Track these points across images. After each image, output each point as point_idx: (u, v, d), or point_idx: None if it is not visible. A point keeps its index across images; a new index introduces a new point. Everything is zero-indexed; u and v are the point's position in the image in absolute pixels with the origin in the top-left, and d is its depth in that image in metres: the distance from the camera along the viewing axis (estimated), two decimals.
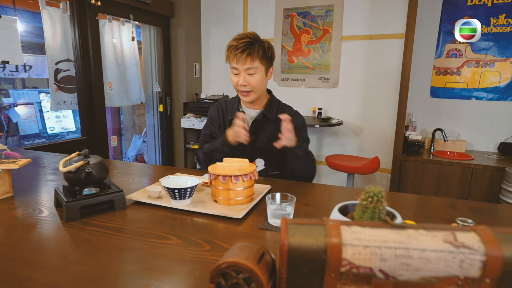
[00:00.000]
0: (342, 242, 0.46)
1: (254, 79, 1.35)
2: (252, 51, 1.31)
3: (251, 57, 1.31)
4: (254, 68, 1.33)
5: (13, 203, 1.04)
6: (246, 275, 0.47)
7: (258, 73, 1.35)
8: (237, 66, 1.34)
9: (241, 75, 1.35)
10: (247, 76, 1.35)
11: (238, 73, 1.36)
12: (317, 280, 0.48)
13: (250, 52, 1.31)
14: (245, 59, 1.31)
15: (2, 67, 6.84)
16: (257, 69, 1.34)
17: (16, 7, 3.02)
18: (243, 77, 1.35)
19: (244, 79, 1.35)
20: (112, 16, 2.95)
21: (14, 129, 7.00)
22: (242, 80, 1.35)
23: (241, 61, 1.32)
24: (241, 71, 1.35)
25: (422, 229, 0.48)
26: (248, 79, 1.35)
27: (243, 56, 1.30)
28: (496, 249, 0.45)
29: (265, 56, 1.35)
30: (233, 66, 1.36)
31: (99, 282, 0.64)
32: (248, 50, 1.31)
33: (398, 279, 0.47)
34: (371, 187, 0.58)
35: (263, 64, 1.36)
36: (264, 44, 1.36)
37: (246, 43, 1.31)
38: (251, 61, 1.32)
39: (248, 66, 1.32)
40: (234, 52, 1.31)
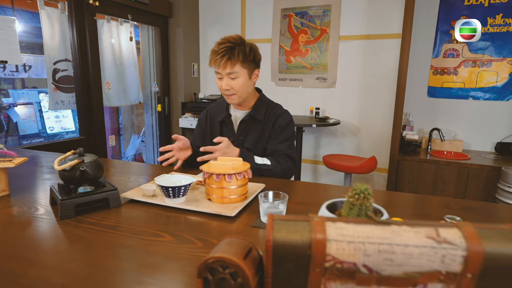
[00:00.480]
0: (327, 238, 0.47)
1: (236, 83, 1.37)
2: (232, 55, 1.32)
3: (230, 62, 1.32)
4: (235, 72, 1.35)
5: (9, 201, 1.05)
6: (232, 270, 0.48)
7: (240, 77, 1.36)
8: (219, 71, 1.37)
9: (224, 79, 1.37)
10: (229, 80, 1.37)
11: (222, 77, 1.38)
12: (302, 275, 0.48)
13: (229, 57, 1.32)
14: (225, 64, 1.33)
15: (2, 67, 6.85)
16: (238, 73, 1.35)
17: (15, 7, 3.02)
18: (226, 81, 1.37)
19: (226, 83, 1.37)
20: (110, 16, 2.96)
21: (14, 129, 7.01)
22: (224, 85, 1.37)
23: (222, 66, 1.34)
24: (223, 76, 1.37)
25: (405, 225, 0.49)
26: (230, 83, 1.37)
27: (223, 61, 1.32)
28: (477, 244, 0.46)
29: (247, 59, 1.35)
30: (216, 71, 1.39)
31: (93, 279, 0.65)
32: (228, 55, 1.32)
33: (382, 274, 0.47)
34: (358, 185, 0.59)
35: (245, 68, 1.36)
36: (245, 47, 1.35)
37: (227, 48, 1.32)
38: (231, 65, 1.33)
39: (228, 70, 1.34)
40: (215, 58, 1.34)
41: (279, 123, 1.46)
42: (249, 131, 1.48)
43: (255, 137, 1.47)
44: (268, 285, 0.50)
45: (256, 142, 1.48)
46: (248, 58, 1.35)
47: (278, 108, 1.53)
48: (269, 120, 1.48)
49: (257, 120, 1.47)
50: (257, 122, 1.48)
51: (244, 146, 1.47)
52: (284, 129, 1.46)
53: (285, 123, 1.47)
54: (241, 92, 1.40)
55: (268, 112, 1.50)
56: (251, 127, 1.48)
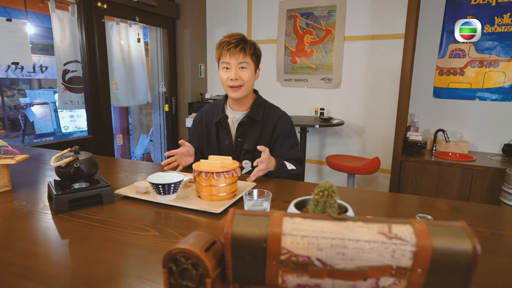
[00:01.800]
0: (282, 232, 0.50)
1: (245, 73, 1.39)
2: (245, 46, 1.37)
3: (244, 52, 1.36)
4: (246, 63, 1.38)
5: (10, 196, 1.11)
6: (194, 261, 0.51)
7: (249, 69, 1.40)
8: (229, 61, 1.37)
9: (233, 69, 1.38)
10: (239, 70, 1.38)
11: (230, 68, 1.39)
12: (260, 267, 0.51)
13: (243, 47, 1.36)
14: (238, 54, 1.35)
15: (20, 68, 7.09)
16: (248, 65, 1.39)
17: (28, 10, 3.14)
18: (235, 71, 1.38)
19: (236, 73, 1.38)
20: (119, 18, 3.04)
21: (31, 128, 7.26)
22: (233, 74, 1.38)
23: (235, 56, 1.36)
24: (232, 66, 1.38)
25: (361, 221, 0.51)
26: (239, 73, 1.38)
27: (236, 50, 1.34)
28: (426, 240, 0.48)
29: (255, 53, 1.41)
30: (224, 61, 1.39)
31: (77, 269, 0.69)
32: (241, 45, 1.36)
33: (335, 267, 0.49)
34: (323, 183, 0.61)
35: (253, 61, 1.41)
36: (254, 43, 1.42)
37: (239, 39, 1.37)
38: (244, 56, 1.36)
39: (241, 60, 1.36)
40: (228, 47, 1.35)
41: (282, 127, 1.46)
42: (248, 132, 1.47)
43: (254, 139, 1.46)
44: (229, 276, 0.52)
45: (256, 143, 1.45)
46: (256, 53, 1.41)
47: (276, 109, 1.53)
48: (268, 121, 1.48)
49: (255, 121, 1.47)
50: (255, 123, 1.47)
51: (243, 148, 1.47)
52: (289, 133, 1.46)
53: (288, 126, 1.47)
54: (248, 84, 1.41)
55: (266, 113, 1.49)
56: (249, 128, 1.47)
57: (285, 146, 1.45)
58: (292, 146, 1.45)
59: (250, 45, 1.39)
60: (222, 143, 1.52)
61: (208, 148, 1.55)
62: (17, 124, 7.44)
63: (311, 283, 0.51)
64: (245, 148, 1.47)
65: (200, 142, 1.57)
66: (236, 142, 1.49)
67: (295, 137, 1.49)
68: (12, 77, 7.45)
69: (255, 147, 1.45)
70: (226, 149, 1.51)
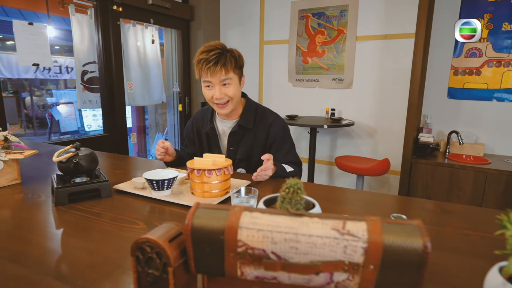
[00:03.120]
0: (238, 225, 0.52)
1: (230, 89, 1.31)
2: (226, 61, 1.27)
3: (225, 68, 1.27)
4: (228, 79, 1.30)
5: (19, 188, 1.18)
6: (158, 250, 0.54)
7: (233, 83, 1.32)
8: (211, 80, 1.29)
9: (216, 88, 1.30)
10: (222, 88, 1.30)
11: (212, 87, 1.31)
12: (219, 259, 0.53)
13: (224, 63, 1.27)
14: (220, 71, 1.26)
15: (47, 69, 7.45)
16: (231, 80, 1.31)
17: (52, 14, 3.31)
18: (219, 90, 1.30)
19: (220, 91, 1.30)
20: (135, 21, 3.14)
21: (56, 126, 7.62)
22: (218, 93, 1.30)
23: (216, 74, 1.27)
24: (215, 84, 1.30)
25: (317, 217, 0.53)
26: (224, 90, 1.31)
27: (217, 69, 1.25)
28: (377, 237, 0.48)
29: (238, 65, 1.32)
30: (206, 80, 1.30)
31: (61, 255, 0.74)
32: (222, 61, 1.26)
33: (290, 261, 0.51)
34: (290, 180, 0.63)
35: (237, 74, 1.33)
36: (234, 53, 1.32)
37: (217, 54, 1.27)
38: (226, 72, 1.28)
39: (223, 77, 1.28)
40: (207, 66, 1.26)
41: (275, 132, 1.41)
42: (240, 141, 1.44)
43: (247, 147, 1.43)
44: (192, 266, 0.55)
45: (249, 151, 1.44)
46: (238, 63, 1.32)
47: (268, 114, 1.46)
48: (261, 127, 1.43)
49: (247, 129, 1.42)
50: (247, 131, 1.43)
51: (236, 157, 1.44)
52: (283, 138, 1.42)
53: (282, 131, 1.42)
54: (235, 98, 1.35)
55: (258, 120, 1.44)
56: (241, 137, 1.43)
57: (281, 152, 1.41)
58: (288, 150, 1.42)
59: (230, 57, 1.29)
60: (214, 152, 1.47)
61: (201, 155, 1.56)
62: (44, 122, 7.82)
63: (268, 276, 0.53)
64: (238, 157, 1.44)
65: (194, 148, 1.56)
66: (229, 151, 1.46)
67: (290, 140, 1.45)
68: (40, 78, 7.83)
69: (248, 155, 1.44)
70: None
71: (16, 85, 7.36)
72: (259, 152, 1.41)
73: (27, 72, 6.91)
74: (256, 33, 3.65)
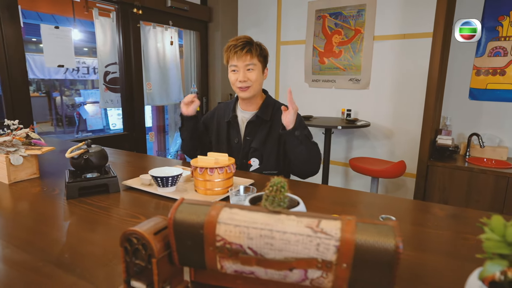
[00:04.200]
0: (217, 220, 0.54)
1: (252, 74, 1.45)
2: (251, 48, 1.43)
3: (250, 54, 1.42)
4: (252, 64, 1.43)
5: (36, 182, 1.26)
6: (143, 242, 0.57)
7: (256, 70, 1.45)
8: (237, 63, 1.44)
9: (241, 71, 1.44)
10: (246, 72, 1.44)
11: (238, 70, 1.45)
12: (200, 252, 0.56)
13: (249, 49, 1.42)
14: (245, 56, 1.41)
15: (76, 70, 7.78)
16: (255, 66, 1.44)
17: (76, 18, 3.48)
18: (243, 73, 1.44)
19: (243, 75, 1.44)
20: (155, 23, 3.24)
21: (84, 124, 7.96)
22: (242, 76, 1.44)
23: (242, 58, 1.42)
24: (240, 68, 1.44)
25: (294, 215, 0.54)
26: (247, 74, 1.44)
27: (243, 53, 1.40)
28: (349, 235, 0.49)
29: (262, 54, 1.46)
30: (232, 64, 1.46)
31: (65, 244, 0.79)
32: (247, 47, 1.42)
33: (265, 257, 0.53)
34: (274, 178, 0.64)
35: (260, 62, 1.46)
36: (260, 44, 1.48)
37: (245, 42, 1.43)
38: (250, 57, 1.42)
39: (248, 62, 1.43)
40: (234, 50, 1.42)
41: None
42: (257, 131, 1.53)
43: (262, 138, 1.51)
44: (175, 258, 0.58)
45: (264, 142, 1.51)
46: (263, 53, 1.47)
47: None
48: (277, 121, 1.51)
49: (264, 121, 1.52)
50: (264, 123, 1.52)
51: (252, 146, 1.52)
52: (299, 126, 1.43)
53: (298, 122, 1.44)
54: (256, 84, 1.47)
55: (275, 113, 1.54)
56: (258, 127, 1.53)
57: None
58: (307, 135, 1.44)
59: (256, 46, 1.45)
60: (232, 141, 1.58)
61: (218, 146, 1.62)
62: (73, 120, 8.18)
63: (246, 270, 0.55)
64: (253, 146, 1.52)
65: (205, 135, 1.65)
66: (245, 141, 1.55)
67: (307, 129, 1.48)
68: (69, 78, 8.18)
69: (263, 145, 1.51)
70: (235, 147, 1.57)
71: (48, 85, 7.74)
72: (273, 143, 1.51)
73: (57, 73, 7.26)
74: (273, 34, 3.66)
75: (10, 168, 1.23)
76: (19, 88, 2.36)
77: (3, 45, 2.23)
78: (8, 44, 2.25)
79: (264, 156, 1.51)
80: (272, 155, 1.51)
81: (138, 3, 2.90)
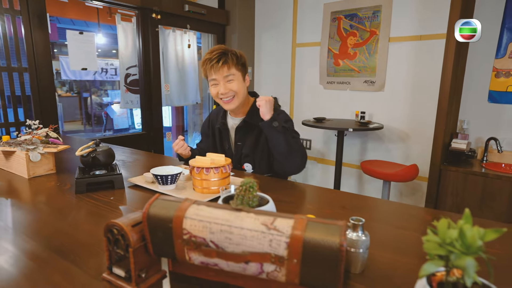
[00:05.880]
0: (184, 215, 0.60)
1: (234, 85, 1.43)
2: (227, 59, 1.40)
3: (227, 65, 1.40)
4: (231, 75, 1.41)
5: (52, 177, 1.38)
6: (122, 233, 0.63)
7: (236, 79, 1.43)
8: (215, 77, 1.42)
9: (221, 84, 1.42)
10: (227, 83, 1.42)
11: (218, 83, 1.43)
12: (170, 244, 0.61)
13: (225, 60, 1.39)
14: (222, 68, 1.39)
15: (105, 71, 8.15)
16: (234, 76, 1.42)
17: (102, 23, 3.68)
18: (223, 85, 1.42)
19: (224, 87, 1.42)
20: (173, 27, 3.36)
21: (111, 123, 8.32)
22: (223, 89, 1.42)
23: (219, 71, 1.40)
24: (220, 81, 1.42)
25: (253, 213, 0.59)
26: (228, 86, 1.43)
27: (219, 65, 1.38)
28: (299, 233, 0.53)
29: (239, 62, 1.43)
30: (211, 78, 1.44)
31: (65, 233, 0.88)
32: (223, 58, 1.39)
33: (225, 250, 0.58)
34: (245, 179, 0.69)
35: (239, 70, 1.44)
36: (236, 52, 1.44)
37: (220, 53, 1.40)
38: (228, 68, 1.40)
39: (226, 73, 1.40)
40: (210, 64, 1.39)
41: None
42: (246, 137, 1.52)
43: (252, 143, 1.51)
44: (150, 249, 0.64)
45: (254, 147, 1.51)
46: (240, 61, 1.44)
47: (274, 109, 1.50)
48: None
49: (252, 125, 1.50)
50: (253, 127, 1.51)
51: (243, 152, 1.53)
52: None
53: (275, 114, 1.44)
54: (239, 94, 1.45)
55: None
56: (247, 133, 1.52)
57: None
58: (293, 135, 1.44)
59: (232, 56, 1.41)
60: (224, 147, 1.61)
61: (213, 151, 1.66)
62: (101, 120, 8.57)
63: (211, 262, 0.60)
64: (244, 152, 1.53)
65: (207, 142, 1.68)
66: (236, 147, 1.56)
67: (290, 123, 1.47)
68: (98, 79, 8.58)
69: (253, 150, 1.51)
70: (228, 154, 1.59)
71: (79, 86, 8.16)
72: (264, 147, 1.49)
73: (87, 74, 7.64)
74: (289, 36, 3.69)
75: (29, 164, 1.35)
76: (47, 90, 2.54)
77: (33, 50, 2.42)
78: (37, 49, 2.43)
79: (256, 161, 1.52)
80: (264, 159, 1.51)
81: (156, 8, 3.02)
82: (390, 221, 1.03)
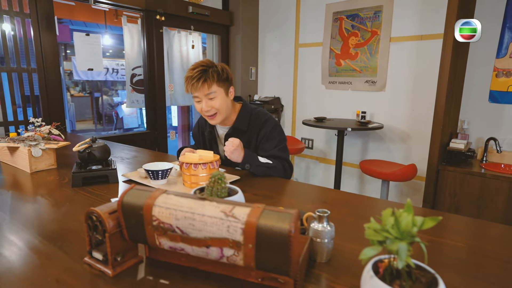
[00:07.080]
0: (154, 203, 0.65)
1: (216, 102, 1.43)
2: (207, 77, 1.39)
3: (207, 83, 1.39)
4: (212, 92, 1.41)
5: (53, 172, 1.45)
6: (100, 219, 0.69)
7: (218, 96, 1.43)
8: (197, 94, 1.43)
9: (203, 101, 1.43)
10: (208, 101, 1.43)
11: (200, 100, 1.45)
12: (142, 230, 0.67)
13: (205, 79, 1.39)
14: (202, 86, 1.39)
15: (116, 72, 8.31)
16: (216, 93, 1.42)
17: (109, 24, 3.79)
18: (206, 103, 1.43)
19: (206, 104, 1.43)
20: (177, 28, 3.44)
21: (121, 122, 8.49)
22: (205, 106, 1.43)
23: (199, 89, 1.40)
24: (202, 98, 1.43)
25: (215, 201, 0.63)
26: (210, 103, 1.43)
27: (199, 84, 1.38)
28: (253, 220, 0.58)
29: (221, 78, 1.43)
30: (194, 95, 1.45)
31: (56, 222, 0.94)
32: (203, 77, 1.39)
33: (190, 235, 0.63)
34: (215, 171, 0.74)
35: (221, 86, 1.43)
36: (217, 68, 1.43)
37: (200, 71, 1.39)
38: (208, 86, 1.40)
39: (207, 92, 1.41)
40: (191, 82, 1.40)
41: (265, 130, 1.51)
42: None
43: None
44: (125, 235, 0.69)
45: None
46: (222, 77, 1.43)
47: (261, 116, 1.55)
48: (253, 129, 1.53)
49: (241, 131, 1.53)
50: (241, 134, 1.52)
51: None
52: (271, 135, 1.50)
53: (270, 130, 1.50)
54: (222, 110, 1.46)
55: (252, 122, 1.54)
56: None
57: (266, 146, 1.50)
58: (275, 146, 1.49)
59: (213, 73, 1.40)
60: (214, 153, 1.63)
61: None
62: (112, 119, 8.75)
63: (178, 247, 0.65)
64: None
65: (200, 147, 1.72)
66: None
67: (280, 138, 1.52)
68: (110, 79, 8.75)
69: None
70: None
71: (91, 86, 8.35)
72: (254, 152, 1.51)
73: (99, 74, 7.82)
74: (292, 36, 3.72)
75: (31, 159, 1.43)
76: (54, 90, 2.64)
77: (41, 51, 2.52)
78: (45, 51, 2.54)
79: None
80: None
81: (161, 10, 3.10)
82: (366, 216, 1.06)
